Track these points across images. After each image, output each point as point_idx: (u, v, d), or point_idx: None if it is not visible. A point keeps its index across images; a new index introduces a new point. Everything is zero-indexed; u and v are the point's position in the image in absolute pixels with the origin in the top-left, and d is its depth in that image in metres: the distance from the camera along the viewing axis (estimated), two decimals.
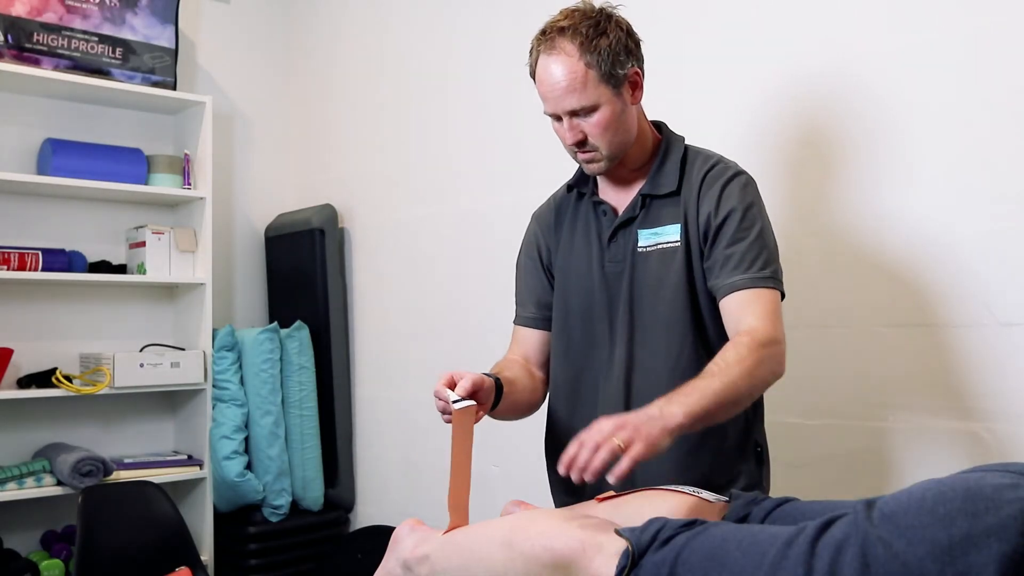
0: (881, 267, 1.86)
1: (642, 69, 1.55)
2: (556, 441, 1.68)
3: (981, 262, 1.72)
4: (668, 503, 1.30)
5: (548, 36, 1.50)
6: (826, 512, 1.04)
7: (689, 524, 1.11)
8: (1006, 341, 1.69)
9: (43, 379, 2.89)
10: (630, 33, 1.53)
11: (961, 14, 1.74)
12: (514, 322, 1.76)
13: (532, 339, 1.72)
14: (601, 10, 1.53)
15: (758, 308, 1.46)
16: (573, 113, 1.51)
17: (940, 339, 1.77)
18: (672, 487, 1.35)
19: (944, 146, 1.77)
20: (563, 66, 1.48)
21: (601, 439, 1.25)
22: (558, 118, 1.53)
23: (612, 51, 1.48)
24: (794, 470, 1.86)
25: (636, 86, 1.54)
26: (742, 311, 1.46)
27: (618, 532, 1.13)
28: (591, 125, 1.51)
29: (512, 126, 2.69)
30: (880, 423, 1.86)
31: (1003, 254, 1.69)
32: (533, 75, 1.55)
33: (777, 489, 1.64)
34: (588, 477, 1.25)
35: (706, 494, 1.31)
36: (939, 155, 1.77)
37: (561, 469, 1.28)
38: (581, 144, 1.53)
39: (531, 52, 1.54)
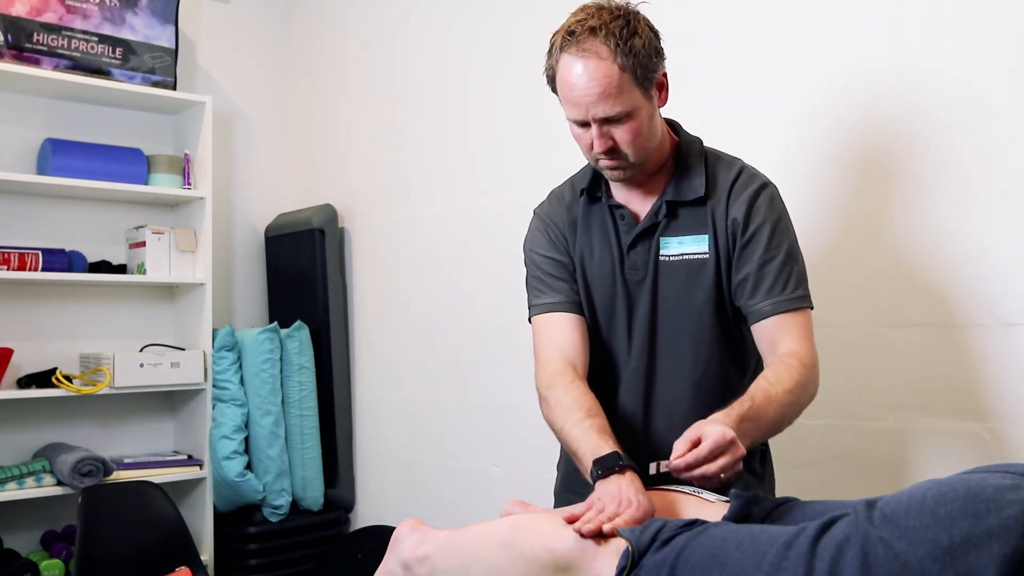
0: (881, 267, 1.86)
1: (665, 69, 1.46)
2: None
3: (981, 262, 1.72)
4: (668, 503, 1.30)
5: (577, 37, 1.37)
6: (826, 512, 1.04)
7: (689, 524, 1.11)
8: (1006, 341, 1.69)
9: (43, 379, 2.89)
10: (654, 31, 1.42)
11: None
12: (537, 312, 1.58)
13: (567, 327, 1.54)
14: (626, 7, 1.41)
15: (795, 331, 1.43)
16: (605, 120, 1.40)
17: (940, 339, 1.77)
18: (672, 487, 1.35)
19: (944, 146, 1.77)
20: (597, 70, 1.36)
21: (710, 471, 1.22)
22: (584, 124, 1.43)
23: (646, 52, 1.38)
24: (794, 470, 1.86)
25: (662, 87, 1.45)
26: (778, 335, 1.43)
27: (618, 532, 1.13)
28: (623, 132, 1.41)
29: (511, 125, 2.69)
30: (880, 423, 1.86)
31: (1003, 254, 1.69)
32: (552, 78, 1.44)
33: (777, 489, 1.64)
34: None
35: (706, 494, 1.31)
36: (940, 156, 1.77)
37: (680, 463, 1.23)
38: (610, 152, 1.43)
39: (551, 53, 1.42)
